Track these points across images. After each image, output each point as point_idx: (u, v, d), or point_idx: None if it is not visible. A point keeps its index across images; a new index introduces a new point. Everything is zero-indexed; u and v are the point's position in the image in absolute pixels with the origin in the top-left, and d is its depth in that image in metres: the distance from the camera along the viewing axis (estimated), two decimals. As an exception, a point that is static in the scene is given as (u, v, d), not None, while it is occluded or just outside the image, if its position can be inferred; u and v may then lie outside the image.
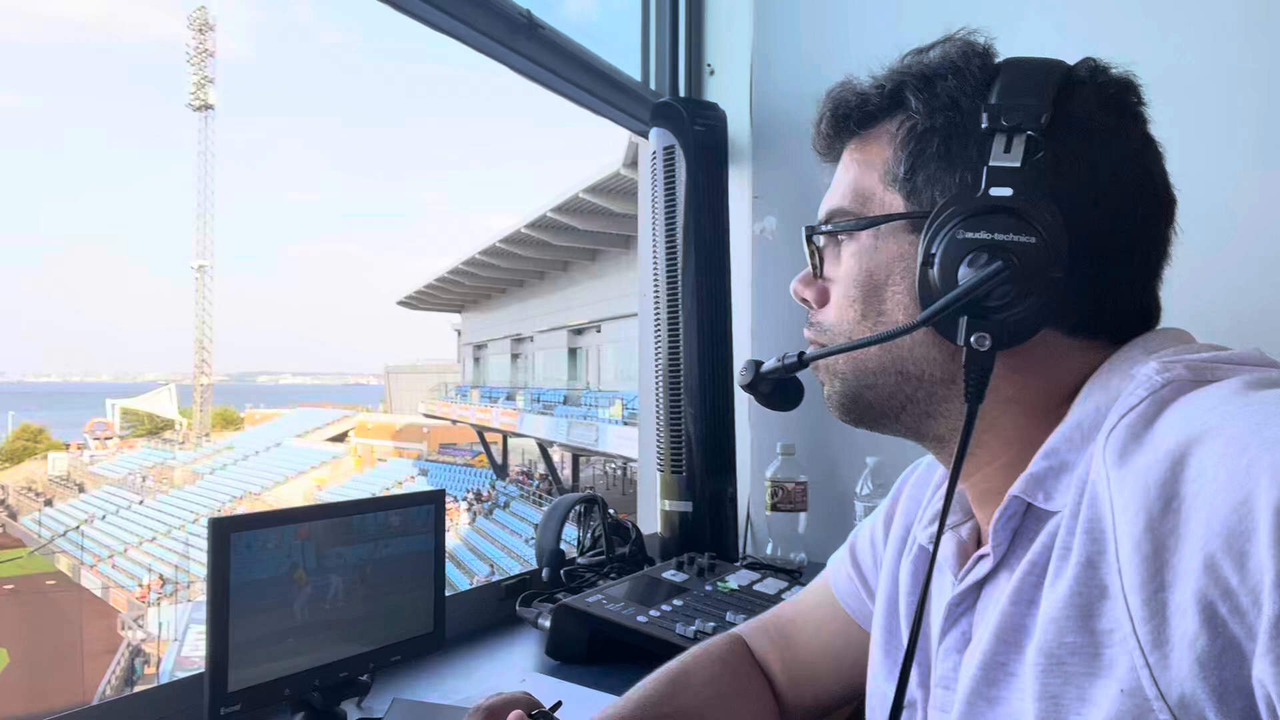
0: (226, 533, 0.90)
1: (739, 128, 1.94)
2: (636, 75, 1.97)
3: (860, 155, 0.70)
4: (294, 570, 0.96)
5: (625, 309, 20.49)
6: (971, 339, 0.60)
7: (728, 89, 2.01)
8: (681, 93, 2.01)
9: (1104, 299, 0.63)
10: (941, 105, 0.64)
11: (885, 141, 0.68)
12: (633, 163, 14.93)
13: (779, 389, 0.77)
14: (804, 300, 0.75)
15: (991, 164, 0.61)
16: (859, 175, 0.69)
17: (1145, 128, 0.66)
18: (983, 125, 0.62)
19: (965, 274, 0.60)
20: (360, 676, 1.03)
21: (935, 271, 0.61)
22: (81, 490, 38.64)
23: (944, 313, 0.60)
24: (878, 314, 0.67)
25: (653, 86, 2.00)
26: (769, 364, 0.76)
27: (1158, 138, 0.66)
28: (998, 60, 0.66)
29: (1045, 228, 0.59)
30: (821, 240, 0.72)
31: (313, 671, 0.98)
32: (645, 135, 1.88)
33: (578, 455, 26.32)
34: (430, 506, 1.10)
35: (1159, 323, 0.67)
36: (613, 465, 27.19)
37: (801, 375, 0.76)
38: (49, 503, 37.80)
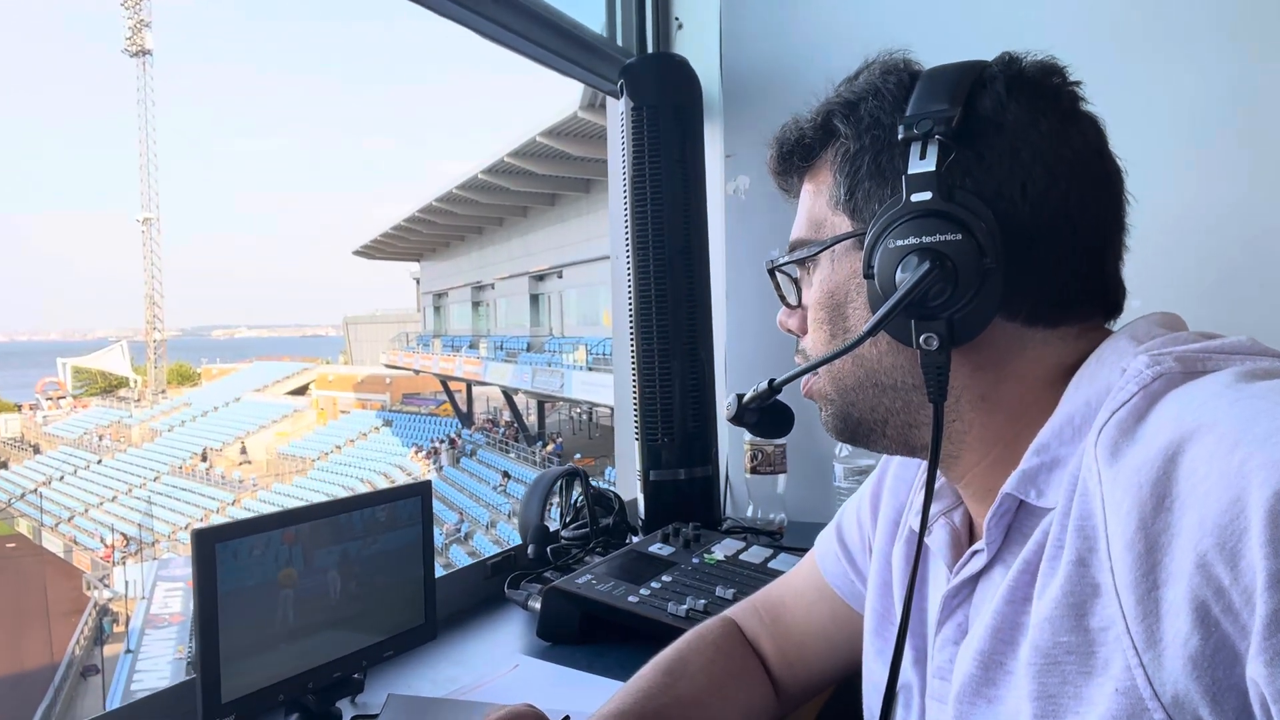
0: (211, 543, 0.88)
1: (709, 84, 1.89)
2: (602, 31, 1.91)
3: (812, 185, 0.72)
4: (282, 575, 0.94)
5: (586, 253, 20.35)
6: (920, 340, 0.62)
7: (697, 44, 1.95)
8: (649, 48, 1.95)
9: (1054, 282, 0.64)
10: (866, 126, 0.67)
11: (828, 169, 0.70)
12: (590, 105, 14.65)
13: (765, 417, 0.78)
14: (789, 330, 0.77)
15: (910, 172, 0.63)
16: (812, 204, 0.72)
17: (1070, 106, 0.66)
18: (899, 137, 0.64)
19: (901, 279, 0.62)
20: (354, 674, 1.02)
21: (877, 283, 0.64)
22: (37, 451, 37.99)
23: (889, 319, 0.62)
24: (844, 332, 0.69)
25: (619, 43, 1.94)
26: (748, 394, 0.77)
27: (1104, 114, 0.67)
28: (920, 72, 0.68)
29: (970, 223, 0.60)
30: (796, 271, 0.75)
31: (306, 674, 0.96)
32: (615, 95, 1.83)
33: (543, 402, 26.35)
34: (417, 499, 1.08)
35: (1124, 299, 0.68)
36: (578, 410, 27.27)
37: (792, 401, 0.77)
38: (3, 465, 37.16)
